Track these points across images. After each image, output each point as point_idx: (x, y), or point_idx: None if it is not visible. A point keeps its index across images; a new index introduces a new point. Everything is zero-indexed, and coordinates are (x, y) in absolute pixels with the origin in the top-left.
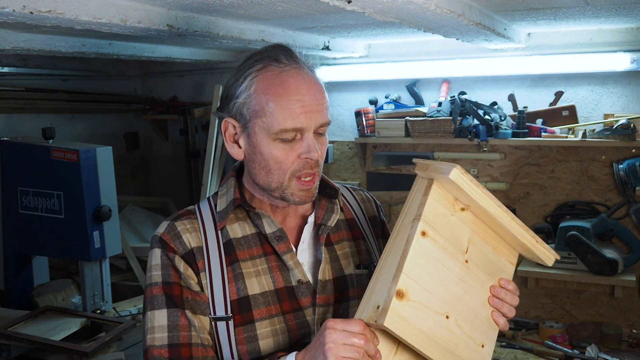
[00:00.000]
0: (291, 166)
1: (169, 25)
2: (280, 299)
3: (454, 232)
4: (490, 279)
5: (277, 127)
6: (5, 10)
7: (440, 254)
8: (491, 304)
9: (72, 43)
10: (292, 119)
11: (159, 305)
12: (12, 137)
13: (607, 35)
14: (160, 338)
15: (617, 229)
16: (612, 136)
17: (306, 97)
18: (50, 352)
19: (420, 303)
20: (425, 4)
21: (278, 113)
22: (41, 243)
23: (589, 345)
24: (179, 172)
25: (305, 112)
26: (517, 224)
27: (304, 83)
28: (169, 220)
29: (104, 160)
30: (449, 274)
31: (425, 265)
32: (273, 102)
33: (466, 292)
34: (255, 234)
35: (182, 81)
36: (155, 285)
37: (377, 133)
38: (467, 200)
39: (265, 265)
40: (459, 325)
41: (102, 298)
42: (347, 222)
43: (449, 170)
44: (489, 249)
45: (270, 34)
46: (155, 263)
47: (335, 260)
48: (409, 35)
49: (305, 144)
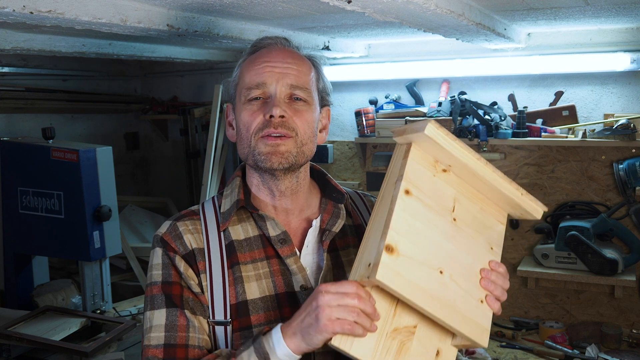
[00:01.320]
0: (255, 126)
1: (169, 25)
2: (280, 305)
3: (438, 191)
4: (481, 238)
5: (243, 88)
6: (5, 10)
7: (426, 212)
8: (483, 286)
9: (72, 43)
10: (255, 76)
11: (158, 304)
12: (12, 137)
13: (607, 35)
14: (157, 338)
15: (617, 229)
16: (612, 136)
17: (275, 58)
18: (50, 352)
19: (411, 258)
20: (425, 4)
21: (246, 74)
22: (41, 243)
23: (589, 345)
24: (179, 172)
25: (269, 71)
26: (498, 176)
27: (277, 50)
28: (171, 220)
29: (104, 160)
30: (437, 231)
31: (412, 221)
32: (244, 67)
33: (458, 249)
34: (258, 236)
35: (182, 81)
36: (155, 284)
37: (377, 133)
38: (446, 157)
39: (267, 269)
40: (454, 280)
41: (102, 298)
42: (355, 228)
43: (424, 126)
44: (477, 208)
45: (270, 34)
46: (156, 262)
47: (339, 267)
48: (409, 35)
49: (270, 104)
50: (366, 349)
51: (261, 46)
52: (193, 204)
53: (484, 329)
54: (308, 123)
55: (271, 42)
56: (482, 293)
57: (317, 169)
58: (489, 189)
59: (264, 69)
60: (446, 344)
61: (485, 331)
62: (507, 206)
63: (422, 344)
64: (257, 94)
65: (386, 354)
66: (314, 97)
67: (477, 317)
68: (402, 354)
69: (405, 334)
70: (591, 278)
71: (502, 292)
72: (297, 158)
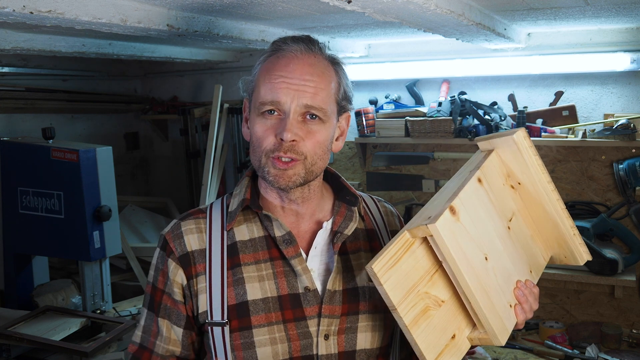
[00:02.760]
0: (266, 146)
1: (169, 25)
2: (282, 307)
3: (503, 198)
4: (525, 257)
5: (258, 100)
6: (5, 10)
7: (489, 205)
8: (516, 295)
9: (72, 43)
10: (270, 92)
11: (145, 304)
12: (12, 137)
13: (607, 35)
14: (137, 336)
15: (617, 229)
16: (612, 136)
17: (292, 74)
18: (50, 352)
19: (467, 230)
20: (425, 4)
21: (261, 86)
22: (41, 243)
23: (589, 345)
24: (179, 172)
25: (285, 88)
26: (560, 207)
27: (296, 62)
28: (177, 219)
29: (104, 160)
30: (493, 226)
31: (477, 205)
32: (261, 76)
33: (505, 251)
34: (264, 237)
35: (182, 81)
36: (149, 283)
37: (377, 133)
38: (520, 171)
39: (270, 270)
40: (494, 273)
41: (102, 298)
42: (367, 232)
43: (514, 131)
44: (528, 234)
45: (270, 34)
46: (153, 262)
47: (348, 271)
48: (409, 35)
49: (283, 123)
50: (398, 291)
51: (282, 50)
52: (193, 204)
53: (506, 329)
54: (319, 144)
55: (292, 49)
56: (513, 300)
57: (332, 172)
58: (545, 219)
59: (279, 84)
60: (463, 334)
61: (506, 332)
62: (554, 244)
63: (444, 320)
64: (269, 109)
65: (412, 307)
66: (330, 113)
67: (504, 317)
68: (425, 317)
69: (432, 302)
70: (591, 278)
71: (530, 309)
72: (306, 177)
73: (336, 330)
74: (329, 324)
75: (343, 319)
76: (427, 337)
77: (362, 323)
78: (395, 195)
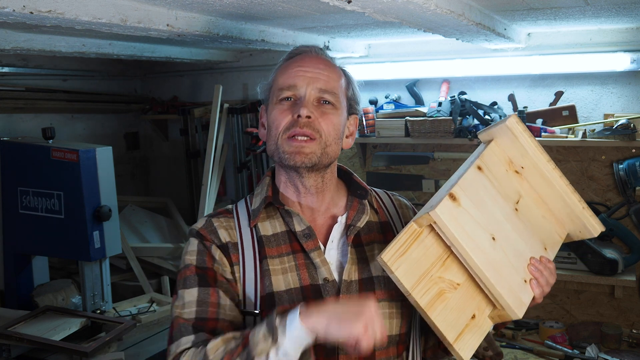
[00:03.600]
0: (283, 125)
1: (169, 25)
2: (305, 297)
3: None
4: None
5: (276, 88)
6: (5, 10)
7: (492, 190)
8: (530, 271)
9: (72, 43)
10: (287, 79)
11: (190, 284)
12: (12, 137)
13: (607, 35)
14: (189, 312)
15: (617, 229)
16: (612, 136)
17: (307, 65)
18: (50, 352)
19: (470, 214)
20: (425, 4)
21: (279, 77)
22: (41, 243)
23: (589, 345)
24: (179, 172)
25: (301, 75)
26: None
27: (310, 57)
28: (207, 217)
29: (104, 160)
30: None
31: (479, 190)
32: (279, 71)
33: (514, 231)
34: (285, 232)
35: (182, 81)
36: (188, 267)
37: (377, 133)
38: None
39: (293, 262)
40: (504, 252)
41: (102, 298)
42: (381, 224)
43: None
44: (539, 213)
45: (270, 34)
46: (191, 249)
47: (363, 262)
48: (409, 35)
49: (299, 105)
50: (410, 277)
51: (296, 53)
52: (193, 204)
53: (522, 302)
54: (334, 125)
55: (306, 50)
56: (528, 276)
57: (345, 170)
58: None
59: (296, 72)
60: (483, 313)
61: (523, 305)
62: (568, 221)
63: (461, 301)
64: (287, 95)
65: (426, 291)
66: (342, 102)
67: (519, 291)
68: (441, 300)
69: (447, 285)
70: (591, 278)
71: (546, 283)
72: (321, 158)
73: None
74: None
75: None
76: (446, 318)
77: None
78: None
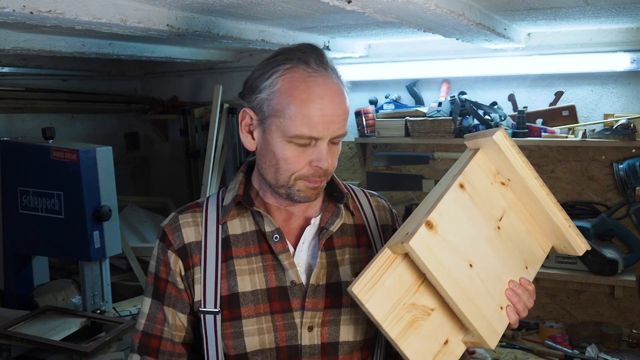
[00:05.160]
0: (300, 170)
1: (169, 25)
2: (270, 299)
3: (491, 198)
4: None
5: (293, 131)
6: (5, 10)
7: (473, 209)
8: (507, 296)
9: (72, 43)
10: (309, 127)
11: (148, 293)
12: (12, 137)
13: (607, 35)
14: (140, 323)
15: (617, 229)
16: (612, 136)
17: (328, 107)
18: (50, 352)
19: (446, 241)
20: (425, 4)
21: (297, 118)
22: (41, 243)
23: (589, 345)
24: (179, 172)
25: (324, 123)
26: (551, 200)
27: (329, 92)
28: (176, 212)
29: (104, 160)
30: (478, 230)
31: (458, 212)
32: (295, 106)
33: (494, 253)
34: (255, 232)
35: (182, 81)
36: (150, 274)
37: (377, 133)
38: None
39: (261, 263)
40: (481, 279)
41: (102, 298)
42: (356, 227)
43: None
44: (524, 229)
45: (270, 34)
46: (154, 253)
47: (333, 266)
48: (409, 35)
49: (317, 152)
50: (381, 308)
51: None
52: None
53: (495, 332)
54: (337, 158)
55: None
56: (505, 302)
57: None
58: (540, 213)
59: (318, 120)
60: (457, 338)
61: (496, 334)
62: (553, 236)
63: (434, 327)
64: (306, 142)
65: (397, 321)
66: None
67: (493, 319)
68: (413, 328)
69: (420, 312)
70: (591, 278)
71: (523, 308)
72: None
73: (320, 323)
74: (312, 316)
75: (326, 311)
76: (417, 347)
77: (344, 316)
78: (395, 195)
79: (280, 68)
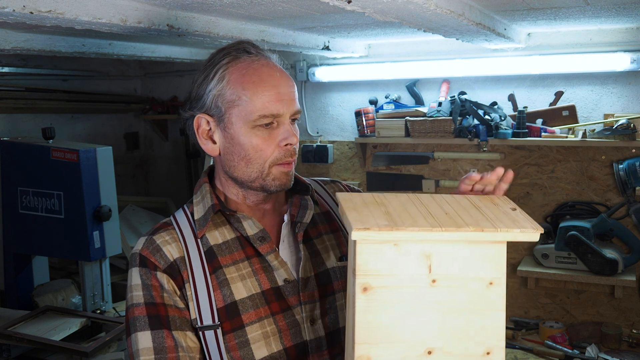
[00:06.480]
0: (271, 155)
1: (169, 25)
2: (268, 301)
3: (403, 262)
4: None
5: (255, 114)
6: (5, 10)
7: (394, 297)
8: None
9: (72, 43)
10: (269, 104)
11: (141, 327)
12: (12, 137)
13: (607, 35)
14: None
15: (617, 229)
16: (612, 136)
17: (280, 84)
18: (50, 352)
19: (390, 356)
20: (425, 4)
21: (255, 100)
22: (41, 243)
23: (589, 345)
24: (179, 172)
25: (281, 100)
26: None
27: (276, 71)
28: (147, 236)
29: (104, 160)
30: (414, 310)
31: (380, 319)
32: (249, 90)
33: (445, 314)
34: (236, 238)
35: (182, 81)
36: (137, 306)
37: (377, 133)
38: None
39: (249, 268)
40: (447, 353)
41: (102, 298)
42: (324, 215)
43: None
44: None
45: (270, 34)
46: (135, 283)
47: (315, 256)
48: (409, 35)
49: (283, 130)
50: None
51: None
52: None
53: None
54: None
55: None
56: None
57: None
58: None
59: (276, 97)
60: None
61: None
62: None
63: None
64: (269, 121)
65: None
66: None
67: None
68: None
69: None
70: (591, 278)
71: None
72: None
73: (319, 314)
74: (310, 309)
75: (322, 301)
76: None
77: (339, 302)
78: None
79: (222, 63)
